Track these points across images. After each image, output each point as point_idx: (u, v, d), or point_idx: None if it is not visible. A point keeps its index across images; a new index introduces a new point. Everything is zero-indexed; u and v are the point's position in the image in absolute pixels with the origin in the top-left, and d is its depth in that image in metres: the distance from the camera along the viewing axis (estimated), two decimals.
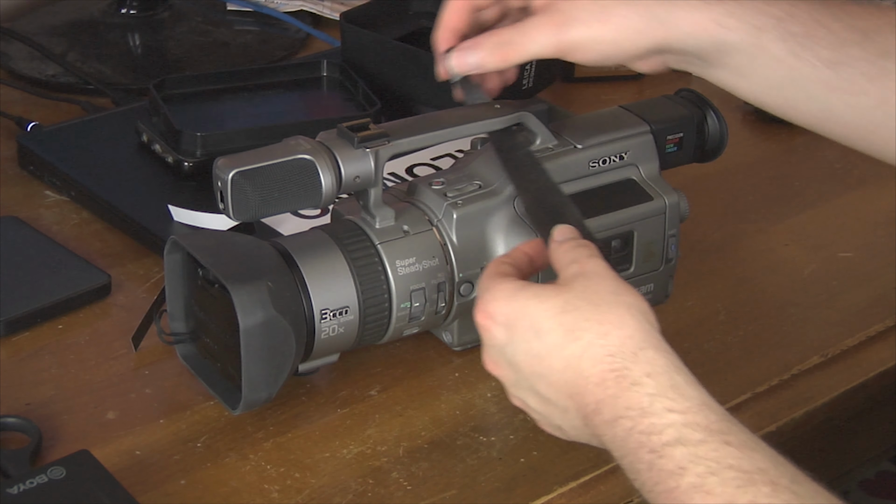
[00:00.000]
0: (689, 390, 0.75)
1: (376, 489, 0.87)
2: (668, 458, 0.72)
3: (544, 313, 0.78)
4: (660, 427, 0.73)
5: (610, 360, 0.76)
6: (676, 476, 0.71)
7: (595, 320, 0.77)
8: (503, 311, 0.79)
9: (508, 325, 0.79)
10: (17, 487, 0.81)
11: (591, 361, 0.76)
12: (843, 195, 1.23)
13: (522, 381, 0.81)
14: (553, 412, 0.80)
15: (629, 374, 0.75)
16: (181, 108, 1.20)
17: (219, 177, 0.89)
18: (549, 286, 0.79)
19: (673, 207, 1.00)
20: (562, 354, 0.77)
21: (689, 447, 0.72)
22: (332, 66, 1.28)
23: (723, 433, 0.72)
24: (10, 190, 1.16)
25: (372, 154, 0.91)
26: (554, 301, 0.78)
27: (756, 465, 0.71)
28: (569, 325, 0.77)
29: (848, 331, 1.05)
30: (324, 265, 0.91)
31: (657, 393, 0.74)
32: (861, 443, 1.10)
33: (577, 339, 0.77)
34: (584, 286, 0.78)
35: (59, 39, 1.40)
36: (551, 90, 1.33)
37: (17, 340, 0.99)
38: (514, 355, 0.79)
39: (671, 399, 0.74)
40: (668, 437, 0.73)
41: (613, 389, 0.75)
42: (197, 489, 0.87)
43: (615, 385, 0.75)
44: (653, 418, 0.73)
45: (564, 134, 0.98)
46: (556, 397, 0.79)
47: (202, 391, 0.94)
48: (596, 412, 0.76)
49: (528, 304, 0.79)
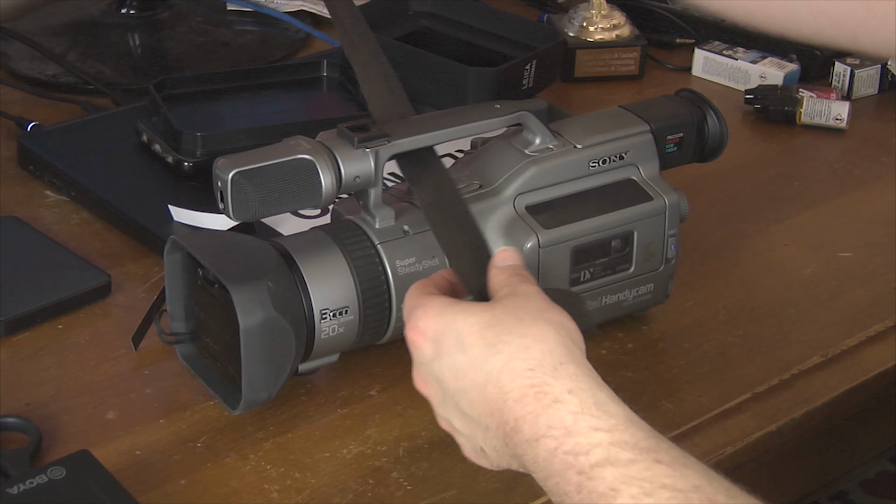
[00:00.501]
0: (614, 408, 0.72)
1: (376, 489, 0.87)
2: (598, 480, 0.70)
3: (470, 328, 0.76)
4: (586, 447, 0.71)
5: (530, 374, 0.73)
6: (608, 498, 0.69)
7: (517, 334, 0.75)
8: (432, 326, 0.78)
9: (436, 340, 0.78)
10: (17, 487, 0.81)
11: (510, 376, 0.74)
12: (843, 195, 1.23)
13: (448, 399, 0.79)
14: (476, 432, 0.78)
15: (550, 390, 0.73)
16: (181, 108, 1.20)
17: (219, 177, 0.89)
18: (479, 304, 0.78)
19: (673, 207, 1.00)
20: (483, 368, 0.75)
21: (620, 468, 0.70)
22: (332, 66, 1.28)
23: (652, 451, 0.70)
24: (10, 190, 1.16)
25: (372, 154, 0.91)
26: (480, 316, 0.77)
27: (691, 483, 0.69)
28: (491, 339, 0.75)
29: (848, 331, 1.05)
30: (324, 265, 0.91)
31: (581, 411, 0.72)
32: (861, 443, 1.10)
33: (498, 353, 0.75)
34: (513, 304, 0.77)
35: (59, 39, 1.40)
36: (551, 90, 1.33)
37: (17, 340, 0.99)
38: (441, 371, 0.78)
39: (596, 417, 0.72)
40: (597, 458, 0.70)
41: (533, 406, 0.73)
42: (197, 489, 0.87)
43: (535, 402, 0.73)
44: (578, 437, 0.71)
45: (564, 134, 0.98)
46: (478, 414, 0.76)
47: (202, 391, 0.94)
48: (515, 430, 0.74)
49: (456, 319, 0.77)
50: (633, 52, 1.41)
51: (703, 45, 1.43)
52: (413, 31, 1.34)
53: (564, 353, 0.74)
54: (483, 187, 0.95)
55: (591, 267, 0.97)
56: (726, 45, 1.43)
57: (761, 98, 1.35)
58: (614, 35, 1.41)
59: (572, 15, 1.43)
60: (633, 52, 1.41)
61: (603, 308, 0.99)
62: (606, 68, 1.41)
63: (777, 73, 1.38)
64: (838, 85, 1.39)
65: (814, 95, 1.34)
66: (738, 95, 1.37)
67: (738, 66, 1.40)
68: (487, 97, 1.22)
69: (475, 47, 1.33)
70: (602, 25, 1.41)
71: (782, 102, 1.34)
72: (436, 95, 1.21)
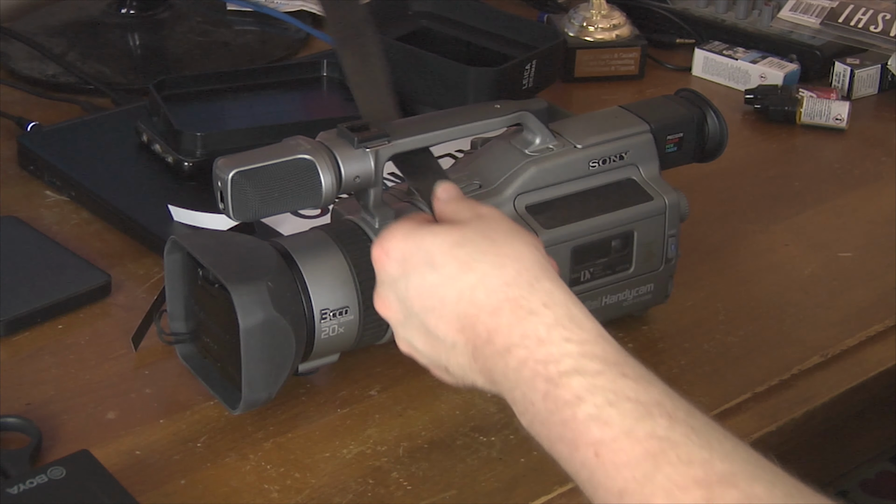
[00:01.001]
0: (586, 322, 0.75)
1: (376, 489, 0.87)
2: (565, 388, 0.72)
3: (439, 247, 0.78)
4: (557, 356, 0.73)
5: (506, 289, 0.76)
6: (573, 405, 0.71)
7: (492, 252, 0.77)
8: (399, 246, 0.80)
9: (403, 259, 0.79)
10: (17, 487, 0.81)
11: (485, 291, 0.76)
12: (843, 195, 1.23)
13: (412, 319, 0.80)
14: (440, 350, 0.79)
15: (525, 303, 0.75)
16: (181, 108, 1.20)
17: (219, 177, 0.89)
18: (446, 224, 0.80)
19: (673, 207, 1.00)
20: (455, 285, 0.77)
21: (587, 378, 0.71)
22: (332, 66, 1.28)
23: (619, 365, 0.72)
24: (10, 190, 1.16)
25: (372, 154, 0.91)
26: (449, 235, 0.78)
27: (653, 398, 0.71)
28: (463, 258, 0.77)
29: (848, 331, 1.05)
30: (324, 265, 0.91)
31: (554, 323, 0.74)
32: (861, 443, 1.10)
33: (471, 270, 0.77)
34: (481, 224, 0.79)
35: (59, 39, 1.40)
36: (551, 90, 1.33)
37: (17, 340, 0.99)
38: (407, 290, 0.79)
39: (568, 329, 0.74)
40: (566, 367, 0.72)
41: (508, 318, 0.75)
42: (197, 489, 0.87)
43: (511, 314, 0.75)
44: (550, 347, 0.73)
45: (564, 134, 0.98)
46: (445, 332, 0.78)
47: (202, 391, 0.94)
48: (488, 342, 0.76)
49: (424, 239, 0.79)
50: (633, 52, 1.41)
51: (703, 45, 1.43)
52: (413, 31, 1.33)
53: (539, 271, 0.77)
54: (483, 187, 0.95)
55: (591, 267, 0.97)
56: (726, 45, 1.43)
57: (761, 98, 1.35)
58: (614, 35, 1.41)
59: (572, 15, 1.43)
60: (633, 52, 1.41)
61: (603, 308, 0.99)
62: (606, 68, 1.41)
63: (777, 73, 1.38)
64: (838, 85, 1.39)
65: (814, 95, 1.34)
66: (738, 95, 1.37)
67: (738, 66, 1.40)
68: (487, 97, 1.22)
69: (475, 47, 1.33)
70: (602, 25, 1.41)
71: (782, 102, 1.34)
72: (436, 95, 1.21)
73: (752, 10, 1.48)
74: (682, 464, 0.68)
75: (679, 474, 0.67)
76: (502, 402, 0.94)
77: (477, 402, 0.95)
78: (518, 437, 0.92)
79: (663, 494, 0.67)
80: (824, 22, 1.43)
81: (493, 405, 0.95)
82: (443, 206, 0.83)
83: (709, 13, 1.49)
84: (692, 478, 0.67)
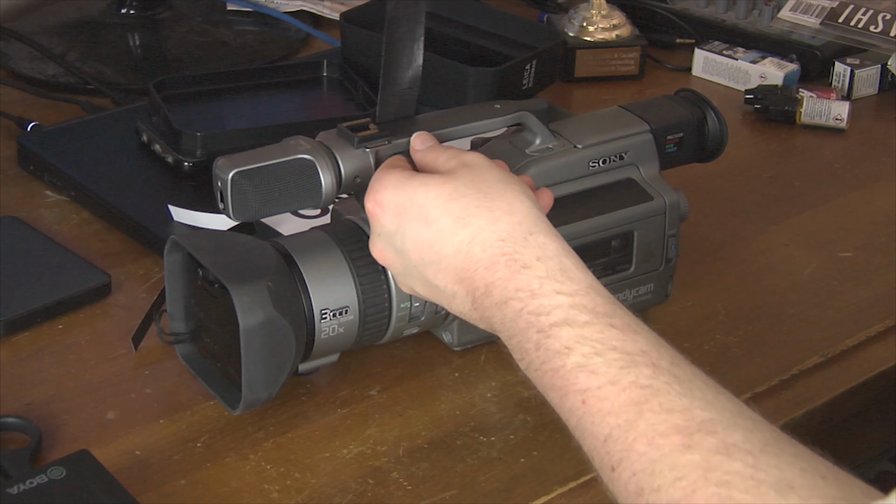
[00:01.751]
0: (578, 274, 0.78)
1: (376, 489, 0.87)
2: (554, 338, 0.75)
3: (433, 201, 0.81)
4: (548, 308, 0.76)
5: (500, 244, 0.78)
6: (562, 355, 0.74)
7: (485, 207, 0.79)
8: (392, 199, 0.82)
9: (398, 212, 0.82)
10: (17, 487, 0.81)
11: (481, 246, 0.79)
12: (843, 195, 1.23)
13: (411, 269, 0.83)
14: (441, 298, 0.83)
15: (519, 257, 0.78)
16: (181, 108, 1.20)
17: (219, 177, 0.89)
18: (437, 176, 0.82)
19: (673, 207, 1.00)
20: (452, 240, 0.80)
21: (576, 328, 0.74)
22: (332, 66, 1.28)
23: (608, 316, 0.75)
24: (10, 190, 1.16)
25: (372, 154, 0.91)
26: (442, 188, 0.81)
27: (638, 348, 0.73)
28: (458, 213, 0.80)
29: (848, 331, 1.05)
30: (324, 265, 0.91)
31: (546, 276, 0.77)
32: (861, 443, 1.10)
33: (467, 226, 0.79)
34: (470, 175, 0.81)
35: (59, 39, 1.40)
36: (551, 90, 1.33)
37: (17, 340, 0.99)
38: (404, 243, 0.82)
39: (559, 282, 0.77)
40: (556, 318, 0.75)
41: (504, 272, 0.78)
42: (197, 489, 0.87)
43: (505, 268, 0.78)
44: (542, 300, 0.76)
45: (564, 134, 0.98)
46: (445, 283, 0.81)
47: (202, 391, 0.94)
48: (486, 295, 0.79)
49: (417, 192, 0.81)
50: (633, 52, 1.41)
51: (703, 45, 1.43)
52: None
53: (533, 224, 0.79)
54: None
55: (591, 267, 0.97)
56: (726, 45, 1.43)
57: (761, 98, 1.35)
58: (614, 35, 1.41)
59: (572, 15, 1.43)
60: (633, 52, 1.41)
61: None
62: (606, 68, 1.41)
63: (777, 73, 1.38)
64: (838, 85, 1.39)
65: (814, 95, 1.34)
66: (738, 95, 1.37)
67: (738, 66, 1.40)
68: (487, 97, 1.22)
69: (475, 47, 1.33)
70: (602, 25, 1.41)
71: (782, 102, 1.34)
72: (436, 95, 1.21)
73: (752, 10, 1.48)
74: (664, 411, 0.70)
75: (660, 421, 0.70)
76: (502, 403, 0.95)
77: (477, 402, 0.95)
78: (518, 438, 0.92)
79: (645, 441, 0.69)
80: (824, 22, 1.43)
81: (493, 405, 0.95)
82: (422, 156, 0.86)
83: (709, 13, 1.49)
84: (672, 425, 0.69)
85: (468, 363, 0.98)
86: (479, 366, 0.98)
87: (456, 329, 0.97)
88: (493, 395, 0.96)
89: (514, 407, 0.95)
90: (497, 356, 0.98)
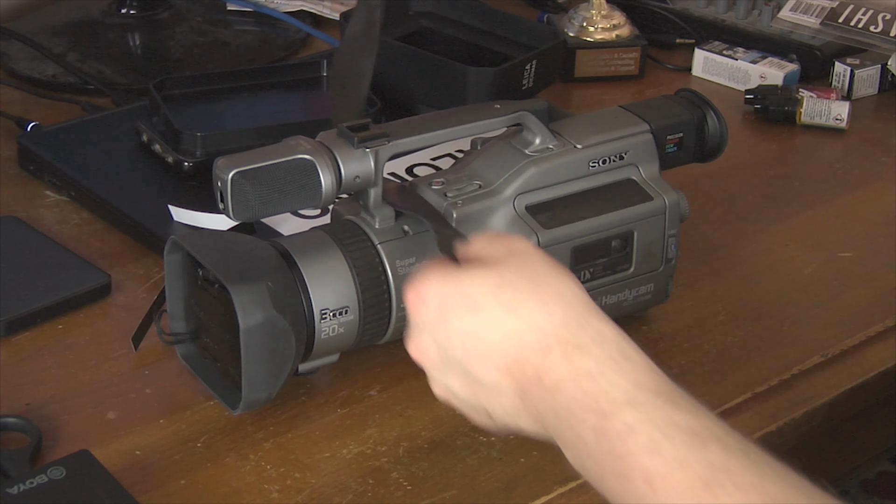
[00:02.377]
0: (635, 354, 0.75)
1: (376, 489, 0.87)
2: (616, 420, 0.71)
3: (480, 288, 0.77)
4: (607, 389, 0.72)
5: (555, 330, 0.75)
6: (625, 437, 0.71)
7: (535, 294, 0.76)
8: (435, 290, 0.78)
9: (441, 304, 0.78)
10: (17, 487, 0.81)
11: (533, 333, 0.75)
12: (843, 195, 1.23)
13: (451, 364, 0.79)
14: (480, 394, 0.78)
15: (575, 340, 0.74)
16: (181, 108, 1.20)
17: (219, 177, 0.89)
18: (482, 265, 0.78)
19: (673, 207, 1.00)
20: (500, 328, 0.76)
21: (638, 409, 0.71)
22: (332, 67, 1.28)
23: (670, 395, 0.72)
24: (10, 190, 1.16)
25: (372, 154, 0.91)
26: (489, 277, 0.77)
27: (704, 426, 0.71)
28: (507, 300, 0.76)
29: (848, 331, 1.05)
30: (324, 265, 0.91)
31: (604, 357, 0.74)
32: (861, 443, 1.10)
33: (517, 314, 0.76)
34: (518, 263, 0.78)
35: (59, 39, 1.40)
36: (551, 90, 1.33)
37: (17, 340, 0.99)
38: (447, 335, 0.78)
39: (618, 363, 0.74)
40: (617, 400, 0.72)
41: (558, 355, 0.74)
42: (197, 489, 0.87)
43: (560, 352, 0.74)
44: (600, 381, 0.73)
45: (564, 134, 0.98)
46: (489, 375, 0.77)
47: (202, 391, 0.94)
48: (536, 381, 0.75)
49: (462, 282, 0.77)
50: (633, 52, 1.41)
51: (703, 45, 1.43)
52: (413, 31, 1.33)
53: (585, 309, 0.76)
54: (483, 187, 0.95)
55: (591, 267, 0.97)
56: (726, 45, 1.43)
57: (761, 98, 1.35)
58: (614, 35, 1.41)
59: (572, 15, 1.43)
60: (633, 52, 1.41)
61: (603, 308, 0.98)
62: (606, 68, 1.41)
63: (777, 73, 1.38)
64: (838, 85, 1.39)
65: (814, 95, 1.34)
66: (738, 95, 1.37)
67: (738, 66, 1.40)
68: (487, 97, 1.22)
69: (475, 47, 1.33)
70: (602, 25, 1.41)
71: (782, 102, 1.34)
72: (436, 95, 1.21)
73: (752, 10, 1.48)
74: (737, 490, 0.68)
75: (734, 501, 0.67)
76: None
77: None
78: (518, 437, 0.92)
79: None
80: (824, 22, 1.43)
81: None
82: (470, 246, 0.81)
83: (709, 13, 1.49)
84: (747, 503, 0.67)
85: None
86: None
87: None
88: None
89: None
90: None
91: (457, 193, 0.94)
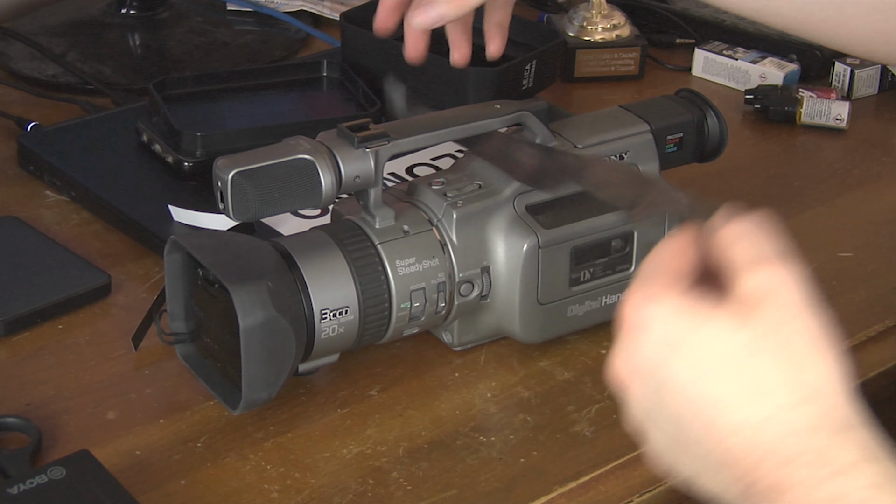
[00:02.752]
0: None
1: (376, 489, 0.87)
2: None
3: (717, 347, 0.61)
4: None
5: (805, 435, 0.60)
6: None
7: (790, 375, 0.61)
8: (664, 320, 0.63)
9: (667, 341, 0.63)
10: (17, 487, 0.81)
11: (774, 434, 0.60)
12: (843, 195, 1.23)
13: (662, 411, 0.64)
14: (686, 459, 0.64)
15: (832, 459, 0.59)
16: (181, 108, 1.19)
17: (219, 177, 0.89)
18: (727, 311, 0.62)
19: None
20: (729, 413, 0.61)
21: None
22: (332, 66, 1.28)
23: None
24: (10, 190, 1.16)
25: (372, 154, 0.91)
26: (734, 336, 0.61)
27: None
28: (749, 376, 0.61)
29: (848, 331, 1.04)
30: (324, 265, 0.91)
31: (868, 485, 0.59)
32: None
33: (759, 404, 0.60)
34: (777, 317, 0.62)
35: (59, 39, 1.40)
36: (551, 90, 1.33)
37: (17, 340, 0.99)
38: (666, 380, 0.63)
39: (885, 493, 0.59)
40: None
41: (806, 475, 0.59)
42: (197, 489, 0.87)
43: (809, 471, 0.59)
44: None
45: (564, 134, 0.98)
46: (708, 454, 0.62)
47: (202, 391, 0.94)
48: (768, 494, 0.60)
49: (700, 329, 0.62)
50: (633, 52, 1.41)
51: (703, 45, 1.43)
52: None
53: (850, 409, 0.61)
54: (483, 187, 0.95)
55: (591, 267, 0.97)
56: (726, 45, 1.43)
57: (761, 98, 1.35)
58: (614, 35, 1.41)
59: (572, 15, 1.43)
60: (633, 52, 1.41)
61: (603, 308, 0.99)
62: (606, 68, 1.41)
63: (777, 73, 1.38)
64: (838, 85, 1.39)
65: (814, 95, 1.34)
66: (738, 95, 1.37)
67: (738, 66, 1.40)
68: (487, 97, 1.21)
69: (475, 47, 1.33)
70: (602, 25, 1.41)
71: (782, 102, 1.34)
72: (436, 95, 1.21)
73: None
74: None
75: None
76: (502, 403, 0.95)
77: (477, 402, 0.95)
78: (518, 438, 0.92)
79: None
80: None
81: (494, 405, 0.95)
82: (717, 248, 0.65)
83: (709, 13, 1.49)
84: None
85: (468, 363, 0.98)
86: (479, 366, 0.98)
87: (456, 329, 0.97)
88: (493, 395, 0.96)
89: (514, 407, 0.95)
90: (497, 356, 0.98)
91: (457, 193, 0.94)
